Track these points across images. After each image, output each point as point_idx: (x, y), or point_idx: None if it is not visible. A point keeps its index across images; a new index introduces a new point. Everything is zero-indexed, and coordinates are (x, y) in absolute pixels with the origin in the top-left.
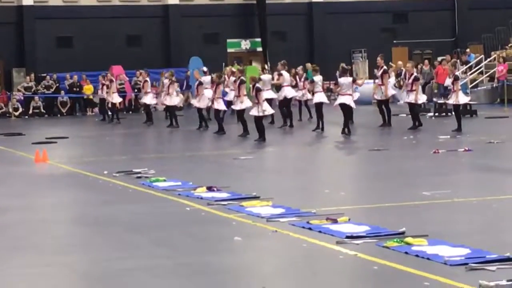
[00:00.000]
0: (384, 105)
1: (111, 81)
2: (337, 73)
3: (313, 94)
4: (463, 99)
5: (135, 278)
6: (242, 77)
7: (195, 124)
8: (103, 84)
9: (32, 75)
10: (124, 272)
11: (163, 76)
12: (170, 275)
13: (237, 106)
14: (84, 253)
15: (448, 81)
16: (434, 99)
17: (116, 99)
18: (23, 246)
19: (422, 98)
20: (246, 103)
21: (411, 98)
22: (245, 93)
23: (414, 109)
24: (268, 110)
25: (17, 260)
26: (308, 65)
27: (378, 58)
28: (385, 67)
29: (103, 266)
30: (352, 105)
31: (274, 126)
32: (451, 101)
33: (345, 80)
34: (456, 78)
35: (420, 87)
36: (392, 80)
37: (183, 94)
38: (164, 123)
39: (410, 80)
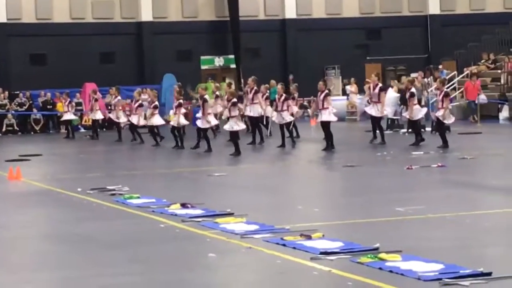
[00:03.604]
0: (377, 122)
1: (95, 99)
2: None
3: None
4: (419, 114)
5: None
6: (205, 96)
7: (171, 141)
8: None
9: (6, 92)
10: None
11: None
12: None
13: (203, 125)
14: (59, 271)
15: (481, 97)
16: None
17: (98, 116)
18: None
19: (421, 114)
20: (212, 121)
21: (439, 114)
22: (209, 111)
23: (443, 127)
24: (240, 125)
25: None
26: (273, 82)
27: (373, 75)
28: (381, 84)
29: (78, 283)
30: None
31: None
32: (407, 115)
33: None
34: (411, 95)
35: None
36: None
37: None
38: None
39: (441, 97)
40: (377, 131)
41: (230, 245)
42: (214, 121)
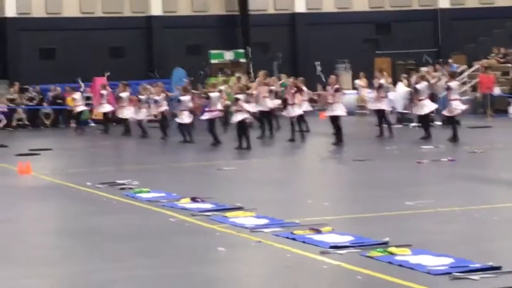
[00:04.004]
0: (382, 116)
1: (101, 95)
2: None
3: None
4: (426, 109)
5: None
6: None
7: (177, 136)
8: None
9: (16, 87)
10: (108, 283)
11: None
12: (154, 286)
13: (205, 117)
14: (68, 264)
15: (497, 90)
16: None
17: (107, 108)
18: (6, 257)
19: (428, 108)
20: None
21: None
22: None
23: (452, 120)
24: (245, 115)
25: (0, 272)
26: (283, 75)
27: (377, 72)
28: (381, 81)
29: (87, 277)
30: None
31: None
32: (415, 111)
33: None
34: (416, 90)
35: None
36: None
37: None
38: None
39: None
40: (385, 125)
41: (239, 239)
42: (216, 112)
